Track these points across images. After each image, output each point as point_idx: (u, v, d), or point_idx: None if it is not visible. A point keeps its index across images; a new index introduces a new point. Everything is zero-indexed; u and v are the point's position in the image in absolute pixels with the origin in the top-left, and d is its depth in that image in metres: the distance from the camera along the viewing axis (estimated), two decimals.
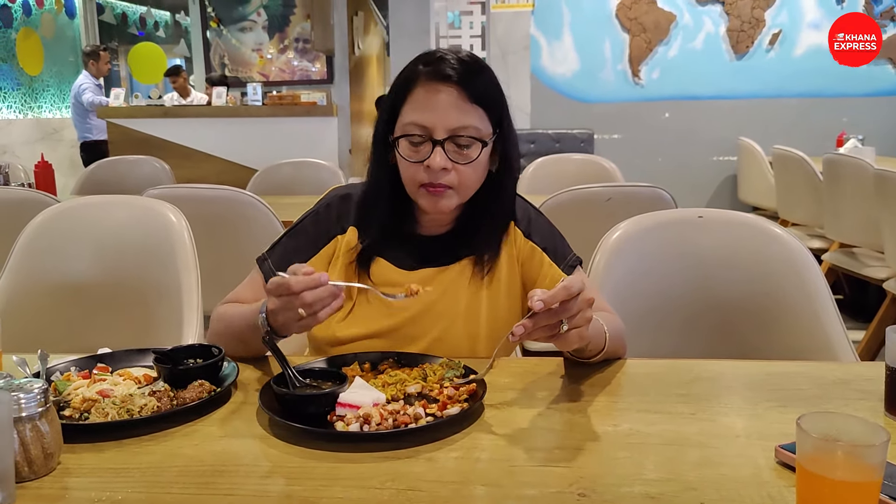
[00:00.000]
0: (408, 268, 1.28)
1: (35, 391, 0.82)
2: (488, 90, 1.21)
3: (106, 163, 3.88)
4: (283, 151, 4.08)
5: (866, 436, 0.69)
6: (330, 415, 0.96)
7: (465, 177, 1.20)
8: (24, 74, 7.47)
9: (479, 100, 1.18)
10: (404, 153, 1.20)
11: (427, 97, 1.18)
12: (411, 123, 1.18)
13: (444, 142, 1.17)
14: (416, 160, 1.19)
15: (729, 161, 5.73)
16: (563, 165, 3.46)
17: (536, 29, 5.74)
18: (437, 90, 1.17)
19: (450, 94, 1.17)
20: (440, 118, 1.16)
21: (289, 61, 8.45)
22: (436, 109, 1.17)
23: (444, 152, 1.17)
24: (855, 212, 3.35)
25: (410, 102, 1.19)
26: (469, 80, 1.18)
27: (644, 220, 1.54)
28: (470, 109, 1.18)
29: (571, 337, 0.96)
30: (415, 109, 1.19)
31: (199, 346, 1.15)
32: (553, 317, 0.93)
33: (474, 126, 1.18)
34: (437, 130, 1.17)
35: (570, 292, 0.92)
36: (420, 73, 1.19)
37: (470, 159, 1.18)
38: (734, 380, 1.15)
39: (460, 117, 1.17)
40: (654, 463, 0.85)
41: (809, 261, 1.43)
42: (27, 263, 1.66)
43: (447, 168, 1.17)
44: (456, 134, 1.17)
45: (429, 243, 1.29)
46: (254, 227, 2.40)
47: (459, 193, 1.21)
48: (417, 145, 1.19)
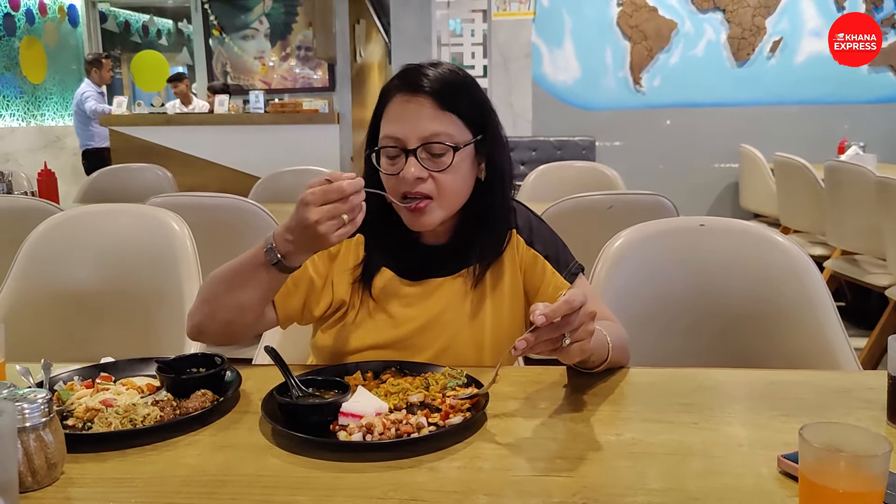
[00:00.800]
0: (412, 278, 1.28)
1: (39, 401, 0.83)
2: (463, 97, 1.21)
3: (108, 171, 3.88)
4: (285, 159, 4.09)
5: (869, 446, 0.69)
6: (332, 424, 0.96)
7: (443, 185, 1.19)
8: (27, 83, 7.50)
9: (452, 107, 1.19)
10: (383, 167, 1.21)
11: (399, 109, 1.19)
12: (386, 136, 1.19)
13: (417, 150, 1.17)
14: (393, 173, 1.19)
15: (730, 168, 5.74)
16: (564, 173, 3.46)
17: (538, 37, 5.76)
18: (408, 101, 1.18)
19: (420, 103, 1.18)
20: (411, 128, 1.17)
21: (291, 69, 8.48)
22: (407, 120, 1.18)
23: (417, 161, 1.17)
24: (857, 219, 3.35)
25: (386, 116, 1.21)
26: (441, 89, 1.18)
27: (646, 228, 1.54)
28: (442, 117, 1.18)
29: (574, 350, 0.96)
30: (389, 122, 1.20)
31: (201, 355, 1.16)
32: (555, 331, 0.93)
33: (447, 133, 1.18)
34: (410, 140, 1.17)
35: (572, 306, 0.92)
36: (394, 86, 1.21)
37: (444, 166, 1.18)
38: (737, 389, 1.15)
39: (431, 125, 1.17)
40: (656, 472, 0.85)
41: (811, 268, 1.43)
42: (30, 272, 1.66)
43: (422, 177, 1.18)
44: (428, 142, 1.17)
45: (431, 253, 1.29)
46: (256, 234, 2.40)
47: (442, 204, 1.20)
48: (394, 158, 1.19)
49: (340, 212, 1.01)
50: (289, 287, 1.25)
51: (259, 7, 8.38)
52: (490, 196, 1.26)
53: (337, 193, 1.01)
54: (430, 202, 1.19)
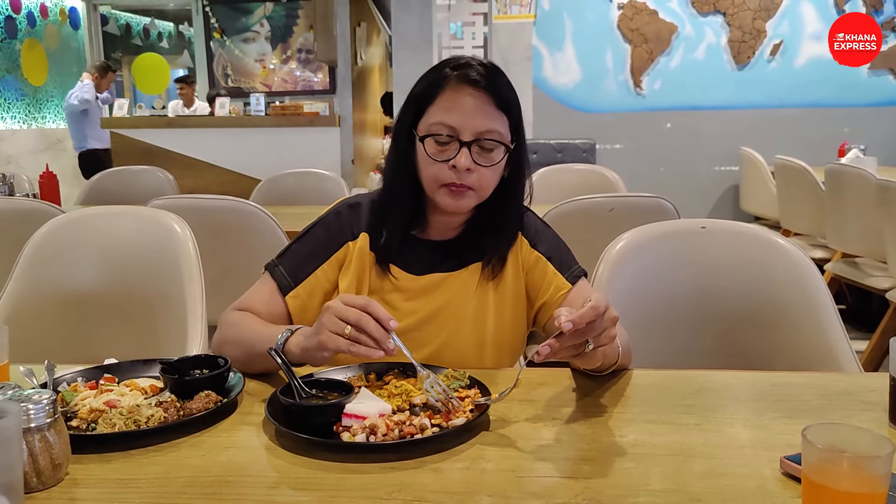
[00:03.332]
0: (417, 272, 1.29)
1: (44, 402, 0.83)
2: (510, 97, 1.24)
3: (110, 173, 3.89)
4: (286, 161, 4.09)
5: (871, 447, 0.70)
6: (336, 425, 0.97)
7: (485, 179, 1.22)
8: (28, 85, 7.50)
9: (502, 106, 1.22)
10: (430, 151, 1.22)
11: (455, 99, 1.21)
12: (439, 123, 1.21)
13: (471, 144, 1.20)
14: (440, 159, 1.21)
15: (731, 171, 5.74)
16: (565, 175, 3.46)
17: (538, 40, 5.76)
18: (466, 93, 1.20)
19: (478, 97, 1.20)
20: (468, 121, 1.20)
21: (292, 72, 8.49)
22: (463, 112, 1.20)
23: (469, 154, 1.19)
24: (857, 222, 3.36)
25: (438, 103, 1.22)
26: (495, 86, 1.21)
27: (647, 231, 1.55)
28: (495, 115, 1.21)
29: (596, 355, 0.97)
30: (442, 110, 1.21)
31: (205, 356, 1.16)
32: (580, 336, 0.94)
33: (498, 131, 1.21)
34: (465, 132, 1.20)
35: (598, 312, 0.92)
36: (449, 75, 1.22)
37: (493, 162, 1.22)
38: (739, 390, 1.15)
39: (486, 122, 1.20)
40: (659, 474, 0.86)
41: (812, 271, 1.43)
42: (32, 274, 1.66)
43: (471, 169, 1.20)
44: (482, 137, 1.20)
45: (437, 248, 1.31)
46: (257, 237, 2.41)
47: (479, 194, 1.24)
48: (443, 145, 1.21)
49: (352, 322, 1.00)
50: (303, 300, 1.28)
51: (260, 10, 8.39)
52: (506, 195, 1.29)
53: (362, 306, 1.01)
54: (470, 190, 1.22)
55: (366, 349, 0.99)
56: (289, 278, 1.29)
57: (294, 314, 1.28)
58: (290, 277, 1.29)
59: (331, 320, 1.02)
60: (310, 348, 1.07)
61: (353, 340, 1.00)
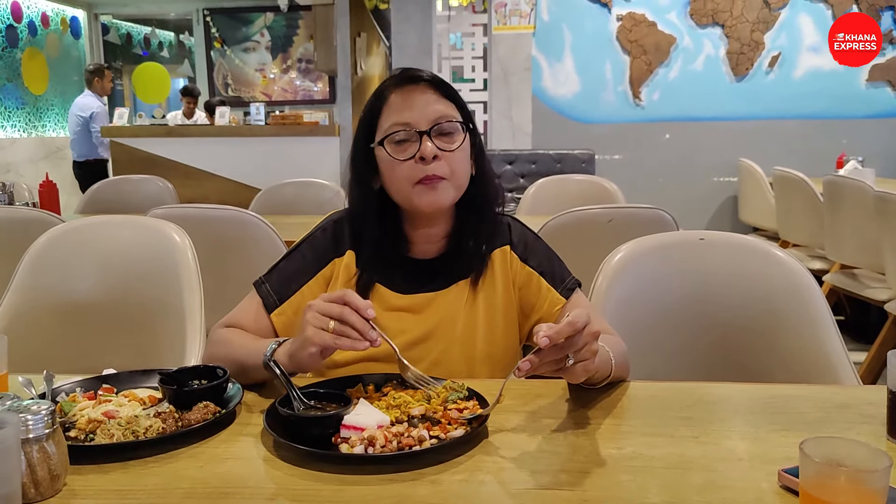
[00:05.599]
0: (405, 292, 1.29)
1: (42, 412, 0.83)
2: (454, 92, 1.28)
3: (109, 182, 3.90)
4: (286, 171, 4.10)
5: (869, 461, 0.70)
6: (334, 437, 0.96)
7: (455, 163, 1.23)
8: (28, 93, 7.53)
9: (448, 96, 1.26)
10: (392, 153, 1.23)
11: (403, 98, 1.24)
12: (394, 124, 1.23)
13: (430, 131, 1.22)
14: (405, 157, 1.22)
15: (729, 182, 5.75)
16: (564, 186, 3.47)
17: (538, 51, 5.79)
18: (411, 90, 1.24)
19: (423, 90, 1.24)
20: (420, 111, 1.23)
21: (291, 81, 8.52)
22: (413, 106, 1.23)
23: (431, 141, 1.21)
24: (855, 233, 3.36)
25: (387, 110, 1.25)
26: (436, 80, 1.27)
27: (646, 242, 1.55)
28: (444, 102, 1.25)
29: (578, 370, 0.97)
30: (394, 112, 1.24)
31: (203, 367, 1.16)
32: (559, 352, 0.94)
33: (451, 114, 1.25)
34: (421, 122, 1.22)
35: (576, 327, 0.92)
36: (391, 83, 1.27)
37: (456, 144, 1.24)
38: (737, 403, 1.15)
39: (438, 108, 1.24)
40: (657, 486, 0.85)
41: (810, 282, 1.43)
42: (31, 283, 1.67)
43: (438, 156, 1.21)
44: (438, 122, 1.22)
45: (422, 267, 1.30)
46: (257, 246, 2.41)
47: (454, 184, 1.24)
48: (403, 142, 1.22)
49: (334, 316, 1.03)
50: (289, 317, 1.28)
51: (261, 20, 8.43)
52: (480, 194, 1.30)
53: (339, 300, 1.04)
54: (443, 180, 1.22)
55: (350, 342, 1.02)
56: (274, 296, 1.29)
57: (280, 331, 1.28)
58: (276, 295, 1.29)
59: (314, 317, 1.04)
60: (296, 351, 1.07)
61: (338, 334, 1.02)
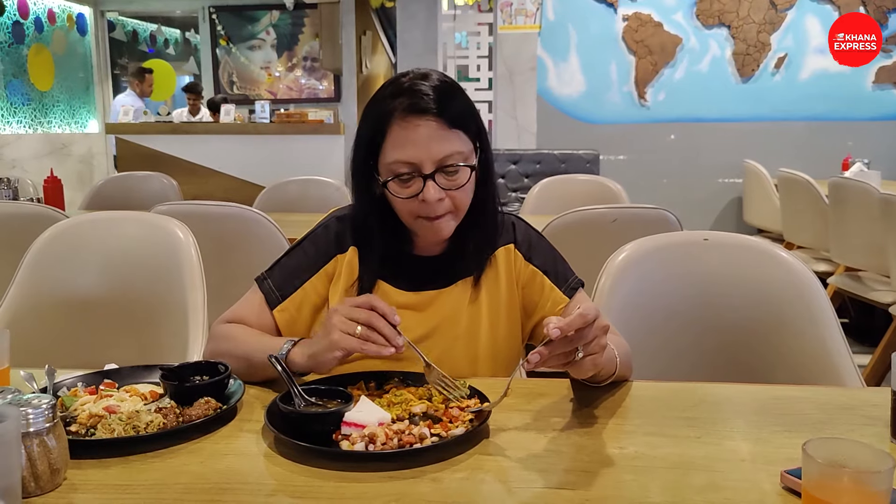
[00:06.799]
0: (408, 289, 1.28)
1: (43, 407, 0.83)
2: (463, 111, 1.19)
3: (114, 178, 3.91)
4: (290, 169, 4.10)
5: (872, 462, 0.69)
6: (335, 434, 0.96)
7: (458, 201, 1.20)
8: (34, 90, 7.53)
9: (456, 124, 1.17)
10: (396, 192, 1.19)
11: (406, 134, 1.15)
12: (396, 162, 1.16)
13: (434, 174, 1.16)
14: (408, 196, 1.18)
15: (734, 183, 5.74)
16: (568, 186, 3.47)
17: (543, 50, 5.78)
18: (415, 125, 1.15)
19: (429, 125, 1.15)
20: (425, 152, 1.15)
21: (297, 79, 8.52)
22: (417, 144, 1.15)
23: (435, 184, 1.16)
24: (861, 235, 3.35)
25: (390, 140, 1.17)
26: (443, 107, 1.16)
27: (649, 242, 1.55)
28: (450, 136, 1.16)
29: (586, 364, 0.96)
30: (396, 147, 1.16)
31: (205, 363, 1.16)
32: (569, 344, 0.93)
33: (458, 151, 1.17)
34: (425, 165, 1.15)
35: (586, 319, 0.92)
36: (394, 109, 1.16)
37: (462, 183, 1.18)
38: (740, 404, 1.15)
39: (443, 147, 1.15)
40: (659, 487, 0.85)
41: (815, 284, 1.43)
42: (35, 278, 1.67)
43: (442, 198, 1.17)
44: (443, 164, 1.16)
45: (426, 264, 1.30)
46: (260, 244, 2.41)
47: (456, 215, 1.22)
48: (407, 181, 1.17)
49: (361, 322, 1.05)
50: (291, 313, 1.27)
51: (266, 18, 8.42)
52: (482, 193, 1.26)
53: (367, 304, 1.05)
54: (446, 215, 1.20)
55: (376, 347, 1.02)
56: (277, 292, 1.28)
57: (282, 328, 1.27)
58: (279, 291, 1.28)
59: (341, 321, 1.04)
60: (319, 352, 1.07)
61: (365, 339, 1.03)
